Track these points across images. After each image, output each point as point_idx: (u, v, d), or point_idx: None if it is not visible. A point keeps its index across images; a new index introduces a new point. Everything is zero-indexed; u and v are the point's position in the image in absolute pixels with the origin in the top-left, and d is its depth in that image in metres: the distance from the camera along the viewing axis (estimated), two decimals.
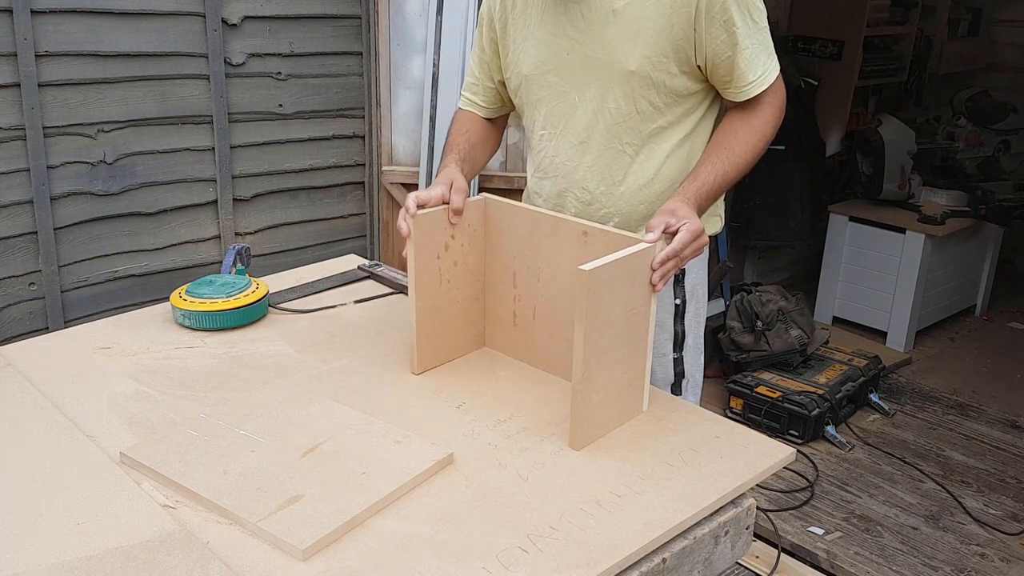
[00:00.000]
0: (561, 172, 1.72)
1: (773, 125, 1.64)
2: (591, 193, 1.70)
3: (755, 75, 1.59)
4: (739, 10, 1.55)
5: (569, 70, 1.65)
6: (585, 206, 1.71)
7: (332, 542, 1.12)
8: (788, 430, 3.32)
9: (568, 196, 1.73)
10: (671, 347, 1.77)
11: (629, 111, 1.63)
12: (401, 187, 3.35)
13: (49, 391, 1.48)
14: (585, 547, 1.13)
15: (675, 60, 1.58)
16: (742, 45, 1.56)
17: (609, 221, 1.69)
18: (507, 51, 1.74)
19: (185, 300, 1.73)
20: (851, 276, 4.37)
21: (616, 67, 1.60)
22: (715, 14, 1.54)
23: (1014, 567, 2.68)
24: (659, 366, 1.75)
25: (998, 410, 3.70)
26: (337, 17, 3.12)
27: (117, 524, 1.14)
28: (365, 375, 1.56)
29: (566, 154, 1.70)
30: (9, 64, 2.46)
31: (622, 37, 1.58)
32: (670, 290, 1.74)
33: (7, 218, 2.56)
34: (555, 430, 1.40)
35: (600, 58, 1.61)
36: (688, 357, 1.79)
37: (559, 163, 1.72)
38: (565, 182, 1.72)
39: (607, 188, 1.69)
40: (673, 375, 1.78)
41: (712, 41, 1.56)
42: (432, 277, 1.54)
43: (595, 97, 1.64)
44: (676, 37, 1.56)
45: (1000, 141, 4.91)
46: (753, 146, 1.61)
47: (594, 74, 1.62)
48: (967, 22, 5.35)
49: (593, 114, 1.65)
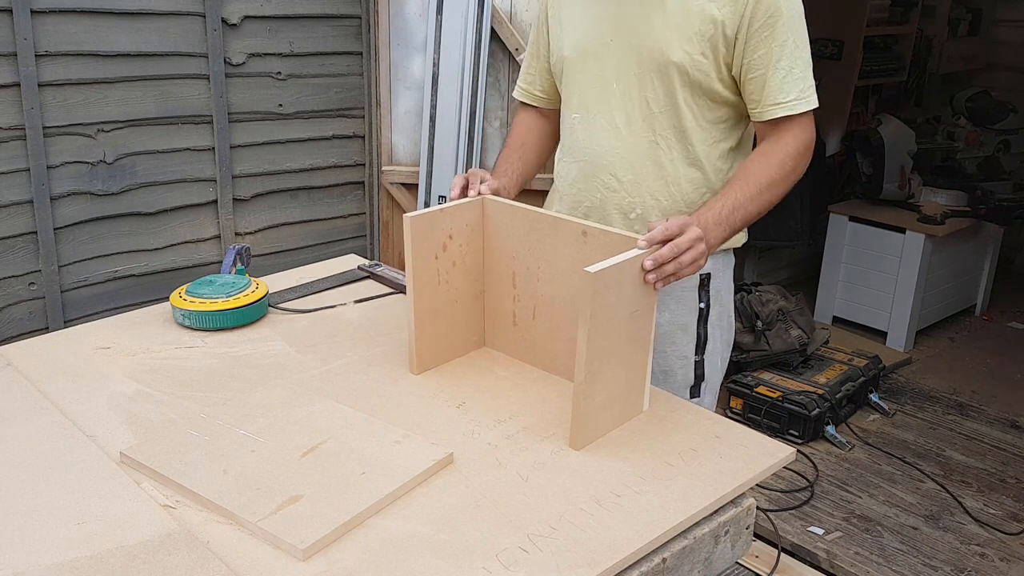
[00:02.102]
0: (589, 156, 1.71)
1: (795, 160, 1.59)
2: (618, 181, 1.69)
3: (785, 97, 1.56)
4: (785, 30, 1.54)
5: (609, 55, 1.64)
6: (611, 193, 1.70)
7: (332, 542, 1.12)
8: (788, 430, 3.32)
9: (594, 181, 1.71)
10: (693, 350, 1.76)
11: (667, 103, 1.62)
12: (401, 187, 3.35)
13: (49, 391, 1.48)
14: (585, 547, 1.13)
15: (713, 64, 1.57)
16: (778, 65, 1.55)
17: (631, 212, 1.69)
18: (554, 32, 1.75)
19: (185, 300, 1.73)
20: (851, 276, 4.37)
21: (658, 56, 1.59)
22: (760, 27, 1.53)
23: (1014, 567, 2.68)
24: (680, 368, 1.76)
25: (998, 410, 3.70)
26: (337, 17, 3.12)
27: (117, 524, 1.14)
28: (365, 375, 1.56)
29: (597, 138, 1.69)
30: (9, 64, 2.46)
31: (667, 27, 1.57)
32: (695, 293, 1.73)
33: (7, 218, 2.56)
34: (555, 430, 1.40)
35: (643, 45, 1.60)
36: (709, 360, 1.78)
37: (589, 147, 1.71)
38: (592, 167, 1.71)
39: (635, 178, 1.68)
40: (693, 377, 1.78)
41: (751, 53, 1.55)
42: (430, 278, 1.54)
43: (633, 84, 1.63)
44: (718, 40, 1.56)
45: (1000, 141, 4.91)
46: (769, 179, 1.56)
47: (634, 60, 1.62)
48: (967, 22, 5.35)
49: (630, 100, 1.64)
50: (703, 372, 1.78)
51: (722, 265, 1.78)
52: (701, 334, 1.76)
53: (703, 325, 1.76)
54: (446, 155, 3.19)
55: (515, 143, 1.87)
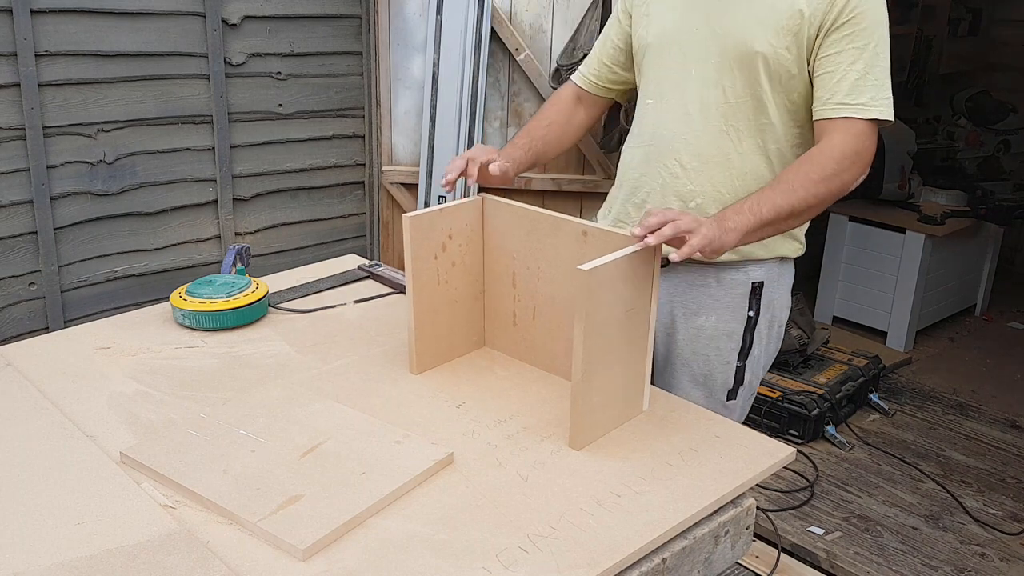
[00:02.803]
0: (656, 140, 1.69)
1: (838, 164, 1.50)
2: (682, 167, 1.66)
3: (854, 100, 1.52)
4: (868, 34, 1.52)
5: (693, 44, 1.63)
6: (672, 179, 1.68)
7: (332, 542, 1.12)
8: (788, 430, 3.32)
9: (657, 166, 1.69)
10: (736, 356, 1.74)
11: (745, 94, 1.60)
12: (401, 187, 3.35)
13: (49, 391, 1.48)
14: (585, 547, 1.13)
15: (796, 59, 1.56)
16: (853, 66, 1.52)
17: (691, 200, 1.66)
18: (639, 23, 1.73)
19: (185, 300, 1.73)
20: (851, 276, 4.37)
21: (742, 46, 1.57)
22: (843, 25, 1.52)
23: (1014, 567, 2.68)
24: (720, 373, 1.74)
25: (998, 410, 3.70)
26: (337, 17, 3.12)
27: (117, 524, 1.14)
28: (365, 375, 1.56)
29: (667, 123, 1.68)
30: (9, 64, 2.46)
31: (754, 18, 1.56)
32: (745, 301, 1.71)
33: (7, 218, 2.56)
34: (555, 430, 1.40)
35: (729, 34, 1.59)
36: (751, 366, 1.76)
37: (658, 131, 1.69)
38: (658, 151, 1.69)
39: (699, 165, 1.65)
40: (733, 381, 1.75)
41: (828, 49, 1.53)
42: (430, 278, 1.54)
43: (712, 72, 1.61)
44: (803, 35, 1.54)
45: (1000, 141, 4.91)
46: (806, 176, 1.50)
47: (716, 49, 1.60)
48: (967, 22, 5.35)
49: (706, 88, 1.63)
50: (743, 377, 1.76)
51: (776, 274, 1.75)
52: (747, 341, 1.73)
53: (750, 332, 1.73)
54: (446, 155, 3.19)
55: (544, 119, 1.85)
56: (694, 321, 1.73)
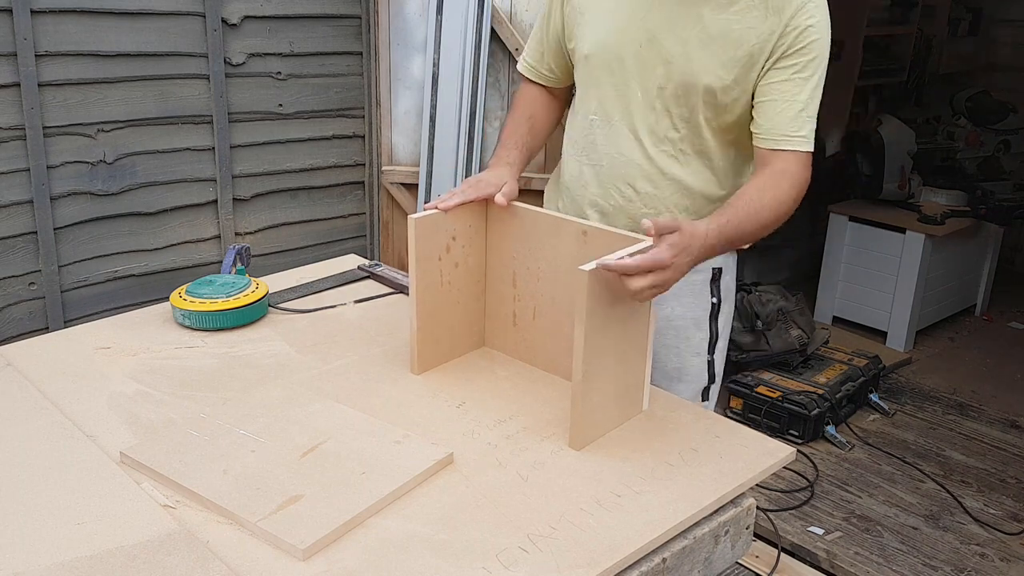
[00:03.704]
0: (608, 163, 1.67)
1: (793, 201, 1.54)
2: (636, 192, 1.66)
3: (796, 132, 1.54)
4: (814, 67, 1.53)
5: (636, 63, 1.59)
6: (626, 202, 1.67)
7: (332, 542, 1.12)
8: (788, 430, 3.32)
9: (610, 188, 1.68)
10: (707, 347, 1.73)
11: (692, 120, 1.59)
12: (401, 187, 3.35)
13: (49, 391, 1.48)
14: (585, 547, 1.13)
15: (741, 90, 1.56)
16: (797, 98, 1.53)
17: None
18: (572, 20, 1.67)
19: (185, 300, 1.73)
20: (851, 276, 4.37)
21: (689, 76, 1.56)
22: (791, 55, 1.52)
23: (1014, 567, 2.68)
24: (693, 367, 1.73)
25: (998, 410, 3.70)
26: (337, 17, 3.12)
27: (117, 524, 1.14)
28: (365, 375, 1.56)
29: (618, 147, 1.66)
30: (9, 64, 2.46)
31: (703, 48, 1.54)
32: (707, 288, 1.72)
33: (7, 218, 2.56)
34: (555, 430, 1.40)
35: (675, 61, 1.56)
36: (718, 358, 1.77)
37: (610, 154, 1.67)
38: (610, 175, 1.68)
39: (653, 190, 1.65)
40: (707, 376, 1.75)
41: (774, 76, 1.53)
42: (433, 279, 1.54)
43: (658, 97, 1.59)
44: (751, 65, 1.53)
45: (1000, 141, 4.91)
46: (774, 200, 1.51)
47: (662, 73, 1.57)
48: (967, 22, 5.35)
49: (653, 114, 1.61)
50: (713, 372, 1.76)
51: (732, 262, 1.76)
52: (713, 331, 1.74)
53: (714, 321, 1.74)
54: (446, 155, 3.19)
55: (523, 113, 1.79)
56: (661, 311, 1.71)
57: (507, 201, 1.54)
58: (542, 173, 3.32)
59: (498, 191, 1.54)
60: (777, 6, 1.51)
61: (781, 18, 1.51)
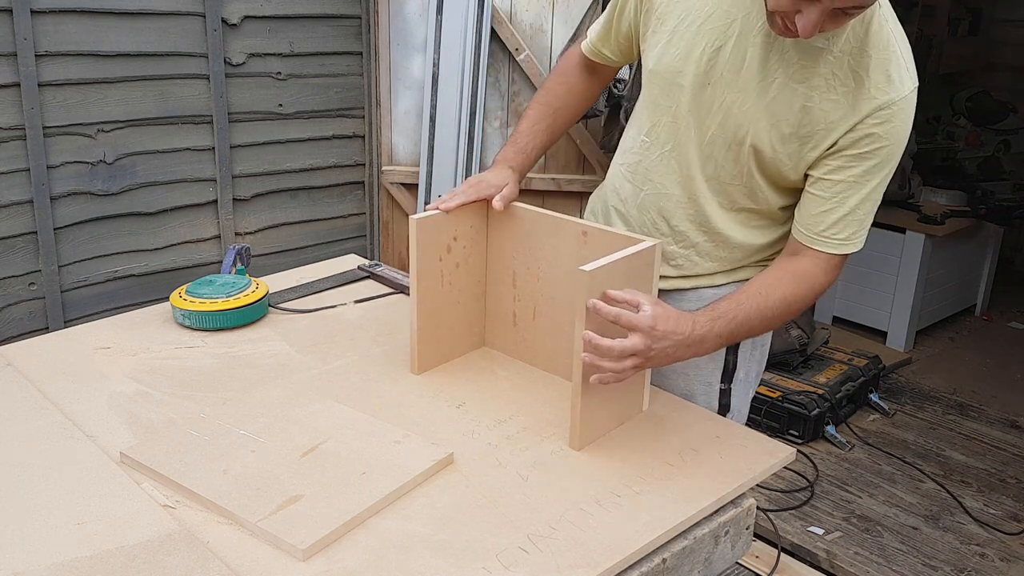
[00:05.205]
0: (651, 190, 1.59)
1: (804, 302, 1.46)
2: (671, 228, 1.58)
3: (836, 235, 1.43)
4: (876, 172, 1.42)
5: (697, 103, 1.48)
6: (658, 234, 1.59)
7: (332, 542, 1.12)
8: (788, 430, 3.32)
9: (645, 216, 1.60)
10: (719, 377, 1.66)
11: (744, 172, 1.49)
12: (401, 187, 3.35)
13: (49, 391, 1.48)
14: (585, 547, 1.13)
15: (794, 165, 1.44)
16: (846, 200, 1.42)
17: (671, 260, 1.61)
18: (649, 27, 1.54)
19: (185, 300, 1.73)
20: (851, 276, 4.37)
21: (743, 132, 1.45)
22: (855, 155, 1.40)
23: (1014, 567, 2.68)
24: (703, 395, 1.66)
25: (998, 410, 3.70)
26: (337, 17, 3.12)
27: (117, 524, 1.14)
28: (365, 375, 1.56)
29: (664, 177, 1.56)
30: (9, 64, 2.46)
31: (767, 111, 1.42)
32: None
33: (7, 218, 2.56)
34: (555, 430, 1.40)
35: (733, 115, 1.44)
36: (737, 390, 1.68)
37: (654, 182, 1.58)
38: (649, 204, 1.59)
39: (689, 232, 1.57)
40: (718, 406, 1.67)
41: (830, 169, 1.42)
42: (434, 279, 1.54)
43: (711, 142, 1.49)
44: (811, 142, 1.41)
45: (1000, 141, 4.91)
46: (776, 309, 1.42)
47: (719, 120, 1.46)
48: (967, 22, 5.35)
49: (704, 157, 1.51)
50: (729, 402, 1.67)
51: None
52: (729, 361, 1.65)
53: (732, 353, 1.65)
54: (446, 155, 3.19)
55: (549, 105, 1.70)
56: None
57: (503, 205, 1.52)
58: (542, 173, 3.32)
59: (499, 192, 1.53)
60: (857, 101, 1.39)
61: (857, 114, 1.39)
